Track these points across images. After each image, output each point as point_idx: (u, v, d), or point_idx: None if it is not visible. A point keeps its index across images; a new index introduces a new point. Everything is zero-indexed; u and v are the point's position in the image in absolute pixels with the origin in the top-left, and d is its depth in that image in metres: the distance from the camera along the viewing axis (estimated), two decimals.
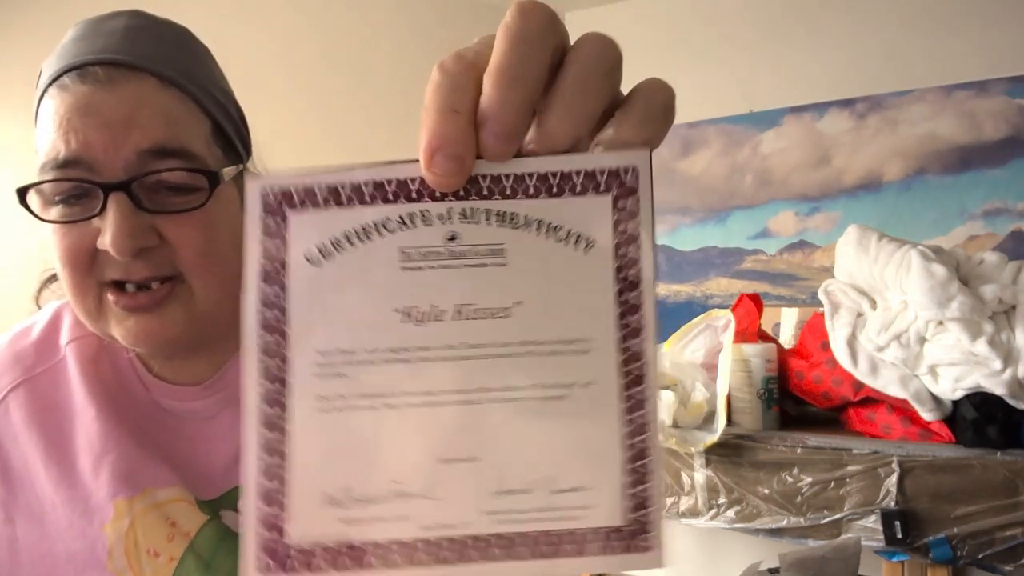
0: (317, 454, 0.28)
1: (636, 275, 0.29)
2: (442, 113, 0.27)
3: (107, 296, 0.55)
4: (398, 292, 0.28)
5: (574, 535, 0.28)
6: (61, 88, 0.53)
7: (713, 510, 1.67)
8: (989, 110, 2.32)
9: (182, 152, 0.54)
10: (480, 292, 0.28)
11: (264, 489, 0.28)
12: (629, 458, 0.28)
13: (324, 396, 0.28)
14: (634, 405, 0.29)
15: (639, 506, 0.29)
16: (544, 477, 0.28)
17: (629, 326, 0.29)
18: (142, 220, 0.52)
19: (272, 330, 0.28)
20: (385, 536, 0.28)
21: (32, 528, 0.56)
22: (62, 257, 0.54)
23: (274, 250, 0.28)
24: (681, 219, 2.82)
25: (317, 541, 0.28)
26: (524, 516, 0.28)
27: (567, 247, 0.29)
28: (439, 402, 0.28)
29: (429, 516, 0.28)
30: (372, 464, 0.28)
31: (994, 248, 2.07)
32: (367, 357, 0.28)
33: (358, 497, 0.28)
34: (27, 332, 0.63)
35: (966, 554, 1.39)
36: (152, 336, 0.55)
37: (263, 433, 0.28)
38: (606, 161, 0.29)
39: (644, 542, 0.28)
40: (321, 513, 0.28)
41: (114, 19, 0.57)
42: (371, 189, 0.28)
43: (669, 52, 2.86)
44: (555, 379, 0.28)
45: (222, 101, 0.60)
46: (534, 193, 0.28)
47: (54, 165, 0.52)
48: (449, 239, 0.28)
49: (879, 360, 1.51)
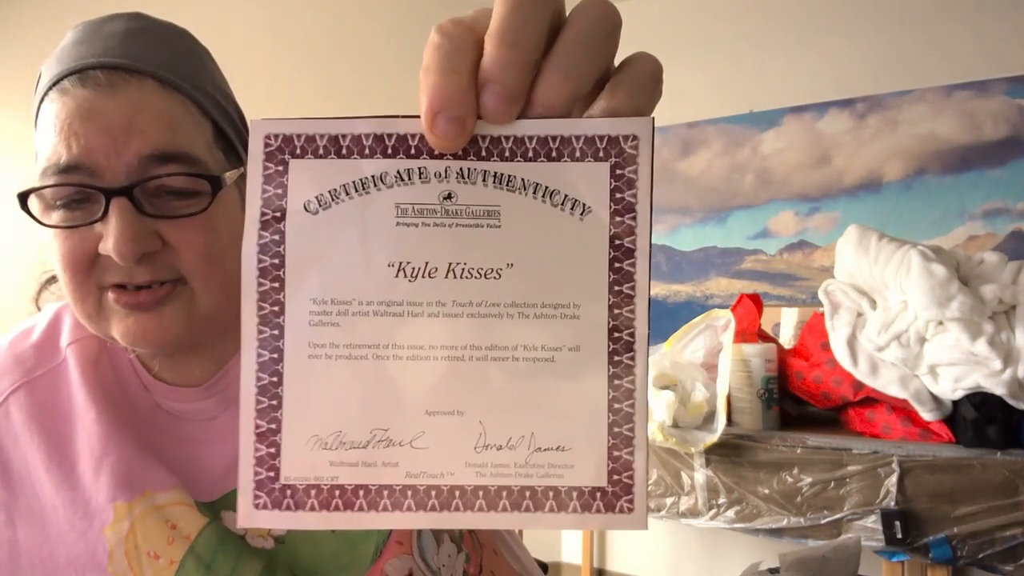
0: (310, 399, 0.29)
1: (631, 243, 0.29)
2: (443, 74, 0.27)
3: (107, 296, 0.54)
4: (393, 247, 0.29)
5: (557, 492, 0.29)
6: (61, 92, 0.53)
7: (713, 510, 1.67)
8: (989, 110, 2.32)
9: (184, 157, 0.54)
10: (473, 252, 0.29)
11: (260, 429, 0.29)
12: (614, 422, 0.29)
13: (317, 343, 0.29)
14: (622, 371, 0.29)
15: (623, 468, 0.29)
16: (527, 435, 0.29)
17: (622, 293, 0.29)
18: (144, 225, 0.52)
19: (270, 277, 0.29)
20: (373, 480, 0.29)
21: (33, 530, 0.55)
22: (63, 261, 0.54)
23: (274, 197, 0.29)
24: (681, 219, 2.82)
25: (309, 482, 0.29)
26: (506, 471, 0.29)
27: (563, 212, 0.29)
28: (428, 356, 0.29)
29: (415, 464, 0.29)
30: (361, 411, 0.29)
31: (994, 248, 2.07)
32: (360, 309, 0.29)
33: (347, 442, 0.29)
34: (27, 334, 0.63)
35: (966, 554, 1.39)
36: (152, 335, 0.55)
37: (260, 376, 0.29)
38: (607, 127, 0.29)
39: (627, 504, 0.29)
40: (313, 455, 0.29)
41: (114, 21, 0.57)
42: (371, 142, 0.29)
43: (669, 52, 2.86)
44: (543, 341, 0.29)
45: (223, 104, 0.60)
46: (532, 156, 0.29)
47: (55, 170, 0.52)
48: (445, 197, 0.29)
49: (879, 360, 1.51)
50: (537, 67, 0.28)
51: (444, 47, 0.27)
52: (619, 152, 0.29)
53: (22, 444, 0.57)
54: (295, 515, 0.29)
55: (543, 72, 0.28)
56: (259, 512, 0.29)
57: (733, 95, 2.72)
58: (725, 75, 2.75)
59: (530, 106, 0.28)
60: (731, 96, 2.73)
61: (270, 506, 0.29)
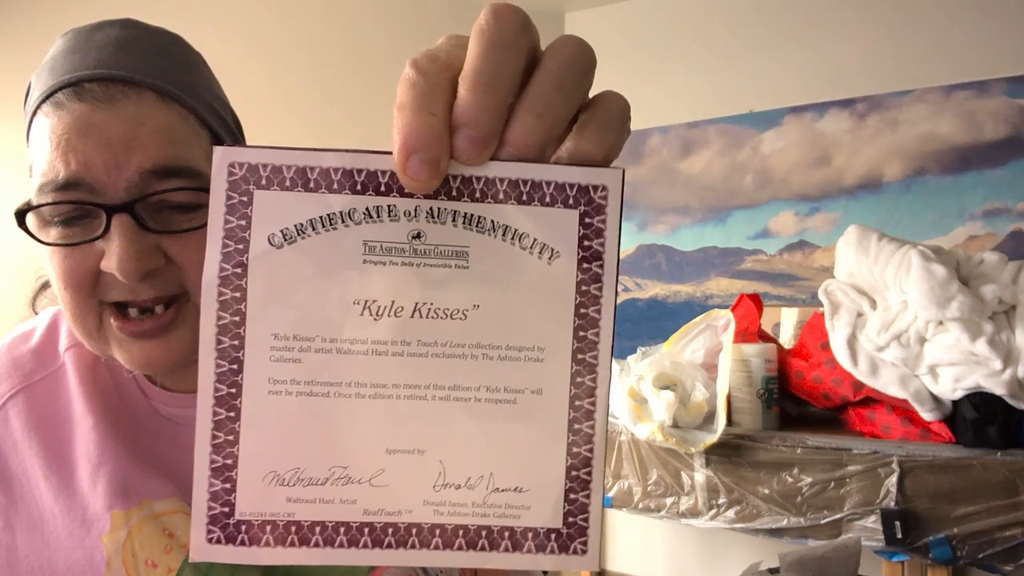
0: (268, 434, 0.29)
1: (597, 290, 0.29)
2: (418, 115, 0.26)
3: (109, 319, 0.53)
4: (359, 285, 0.29)
5: (513, 532, 0.29)
6: (56, 105, 0.52)
7: (713, 510, 1.67)
8: (989, 110, 2.32)
9: (185, 171, 0.53)
10: (440, 292, 0.29)
11: (216, 464, 0.29)
12: (572, 465, 0.30)
13: (277, 379, 0.29)
14: (582, 415, 0.29)
15: (578, 511, 0.30)
16: (487, 475, 0.29)
17: (586, 339, 0.29)
18: (147, 241, 0.51)
19: (230, 311, 0.29)
20: (330, 517, 0.29)
21: (32, 537, 0.55)
22: (63, 279, 0.52)
23: (237, 228, 0.28)
24: (681, 219, 2.82)
25: (265, 518, 0.29)
26: (464, 510, 0.29)
27: (531, 256, 0.29)
28: (390, 395, 0.29)
29: (373, 502, 0.29)
30: (321, 448, 0.29)
31: (994, 248, 2.07)
32: (323, 346, 0.29)
33: (305, 478, 0.29)
34: (25, 338, 0.63)
35: (966, 554, 1.38)
36: (157, 362, 0.54)
37: (217, 411, 0.29)
38: (578, 176, 0.29)
39: (582, 545, 0.30)
40: (269, 491, 0.29)
41: (105, 29, 0.55)
42: (340, 176, 0.28)
43: (669, 52, 2.86)
44: (506, 383, 0.29)
45: (220, 111, 0.59)
46: (503, 199, 0.28)
47: (54, 187, 0.50)
48: (414, 236, 0.29)
49: (879, 360, 1.51)
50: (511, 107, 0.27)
51: (419, 86, 0.27)
52: (588, 201, 0.29)
53: (21, 450, 0.57)
54: (248, 550, 0.29)
55: (517, 113, 0.27)
56: (212, 547, 0.29)
57: (733, 95, 2.72)
58: (725, 75, 2.74)
59: (503, 146, 0.28)
60: (731, 96, 2.72)
61: (223, 541, 0.29)
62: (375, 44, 2.75)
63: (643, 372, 1.77)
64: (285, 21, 2.67)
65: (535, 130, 0.28)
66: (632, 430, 1.76)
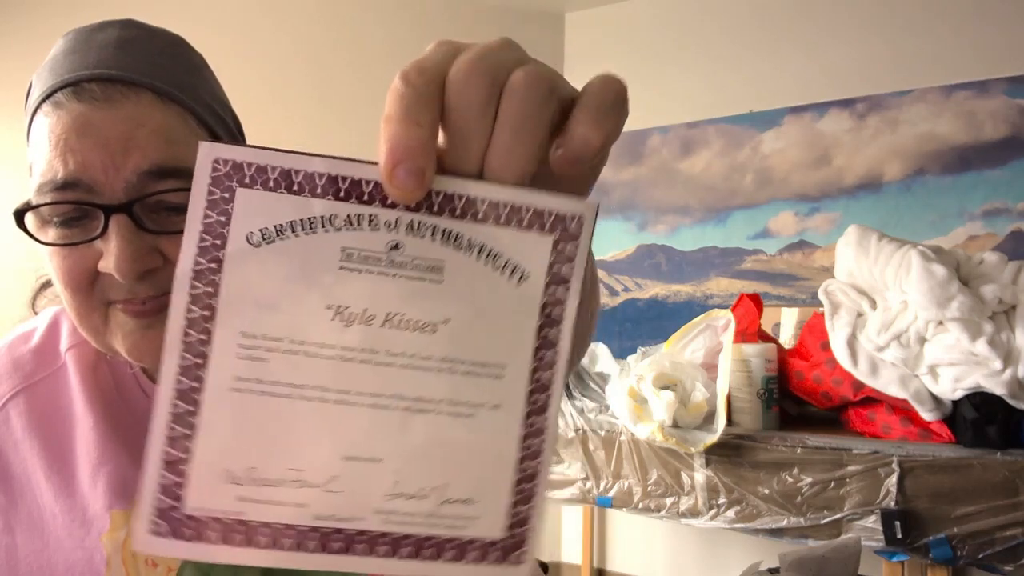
0: (226, 431, 0.28)
1: (559, 314, 0.30)
2: (405, 125, 0.27)
3: (114, 311, 0.53)
4: (333, 290, 0.29)
5: (457, 543, 0.30)
6: (56, 105, 0.52)
7: (713, 510, 1.67)
8: (989, 110, 2.32)
9: (183, 171, 0.52)
10: (412, 304, 0.29)
11: (169, 457, 0.28)
12: (519, 479, 0.30)
13: (242, 377, 0.28)
14: (534, 432, 0.30)
15: (519, 523, 0.31)
16: (439, 486, 0.30)
17: (544, 359, 0.30)
18: (145, 241, 0.51)
19: (201, 304, 0.29)
20: (278, 519, 0.29)
21: (32, 537, 0.55)
22: (64, 279, 0.53)
23: (216, 224, 0.28)
24: (681, 219, 2.82)
25: (213, 514, 0.28)
26: (413, 520, 0.30)
27: (502, 276, 0.29)
28: (353, 402, 0.29)
29: (324, 507, 0.29)
30: (278, 450, 0.29)
31: (994, 248, 2.07)
32: (290, 347, 0.28)
33: (259, 479, 0.29)
34: (25, 338, 0.63)
35: (966, 554, 1.39)
36: (158, 351, 0.54)
37: (176, 404, 0.28)
38: (556, 204, 0.30)
39: (517, 557, 0.31)
40: (221, 488, 0.28)
41: (106, 30, 0.55)
42: (324, 182, 0.28)
43: (669, 52, 2.86)
44: (467, 398, 0.30)
45: (220, 113, 0.59)
46: (482, 218, 0.29)
47: (52, 187, 0.50)
48: (392, 247, 0.29)
49: (879, 360, 1.51)
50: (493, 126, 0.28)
51: (407, 97, 0.27)
52: (563, 228, 0.30)
53: (22, 450, 0.57)
54: (191, 546, 0.28)
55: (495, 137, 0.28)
56: (154, 538, 0.28)
57: (733, 95, 2.72)
58: (725, 75, 2.75)
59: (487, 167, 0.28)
60: (731, 96, 2.73)
61: (168, 535, 0.28)
62: (372, 45, 2.75)
63: (643, 372, 1.77)
64: (282, 23, 2.67)
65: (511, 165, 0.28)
66: (632, 430, 1.76)
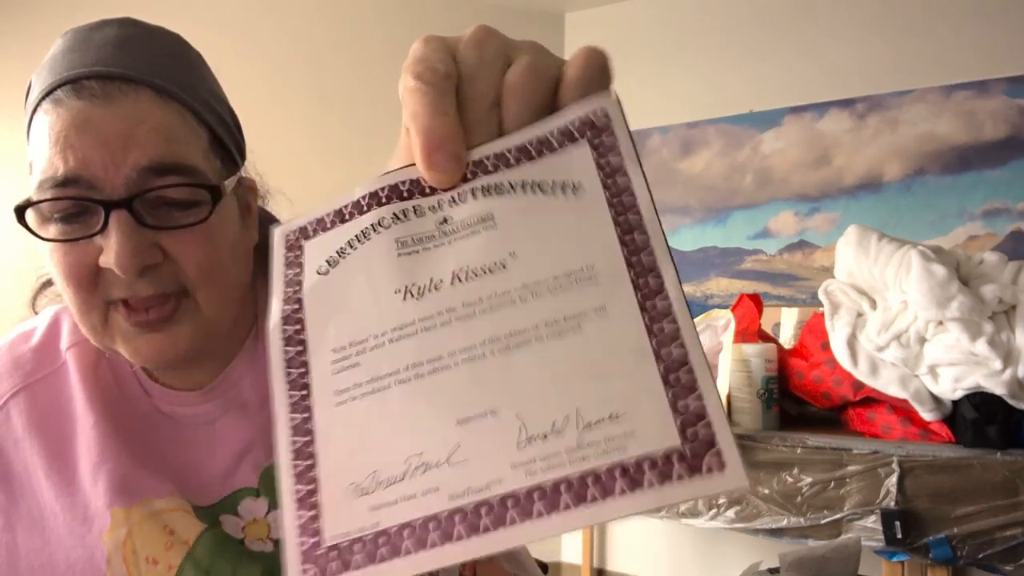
0: (341, 447, 0.28)
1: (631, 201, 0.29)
2: (434, 116, 0.29)
3: (114, 313, 0.54)
4: (397, 275, 0.30)
5: (625, 468, 0.24)
6: (55, 103, 0.52)
7: (713, 510, 1.67)
8: (989, 110, 2.32)
9: (182, 167, 0.53)
10: (474, 255, 0.29)
11: (299, 495, 0.28)
12: (666, 370, 0.25)
13: (341, 389, 0.29)
14: (658, 315, 0.26)
15: (696, 418, 0.24)
16: (572, 413, 0.25)
17: (635, 242, 0.28)
18: (145, 237, 0.52)
19: (294, 343, 0.30)
20: (417, 514, 0.26)
21: (32, 536, 0.55)
22: (65, 276, 0.53)
23: (294, 278, 0.32)
24: (681, 219, 2.82)
25: (353, 536, 0.27)
26: (559, 459, 0.25)
27: (555, 197, 0.30)
28: (447, 365, 0.28)
29: (456, 483, 0.26)
30: (393, 442, 0.27)
31: (994, 248, 2.07)
32: (376, 342, 0.29)
33: (384, 479, 0.27)
34: (26, 337, 0.63)
35: (966, 554, 1.38)
36: (162, 354, 0.54)
37: (295, 440, 0.29)
38: (575, 111, 0.30)
39: (716, 459, 0.24)
40: (352, 504, 0.27)
41: (104, 28, 0.56)
42: (367, 200, 0.31)
43: (669, 52, 2.86)
44: (564, 312, 0.27)
45: (218, 110, 0.59)
46: (515, 162, 0.30)
47: (52, 183, 0.51)
48: (441, 223, 0.30)
49: (879, 360, 1.51)
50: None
51: (429, 94, 0.29)
52: (592, 127, 0.30)
53: (23, 449, 0.57)
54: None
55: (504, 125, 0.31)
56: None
57: (733, 95, 2.72)
58: (725, 75, 2.75)
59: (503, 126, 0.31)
60: (731, 96, 2.73)
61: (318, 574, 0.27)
62: (372, 45, 2.75)
63: None
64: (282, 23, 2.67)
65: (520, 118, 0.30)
66: None
